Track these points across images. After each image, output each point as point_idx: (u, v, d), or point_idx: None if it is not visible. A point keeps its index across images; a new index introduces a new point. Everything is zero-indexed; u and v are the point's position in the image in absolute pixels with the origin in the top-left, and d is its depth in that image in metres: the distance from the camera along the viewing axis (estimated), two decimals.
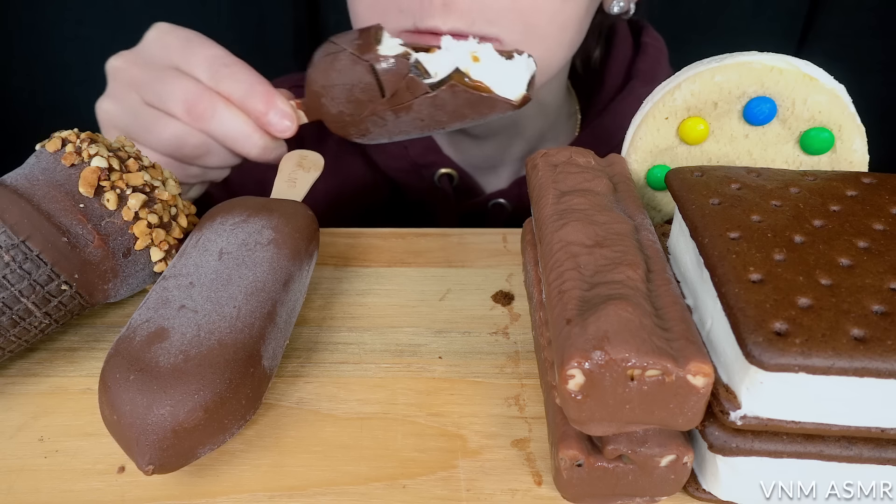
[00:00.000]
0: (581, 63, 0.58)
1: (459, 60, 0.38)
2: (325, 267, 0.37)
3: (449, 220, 0.57)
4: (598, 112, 0.56)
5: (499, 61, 0.38)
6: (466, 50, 0.38)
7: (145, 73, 0.38)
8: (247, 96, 0.37)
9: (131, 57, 0.39)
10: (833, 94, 0.28)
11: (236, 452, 0.27)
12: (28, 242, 0.28)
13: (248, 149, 0.38)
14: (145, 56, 0.39)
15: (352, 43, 0.37)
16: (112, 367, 0.25)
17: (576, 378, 0.21)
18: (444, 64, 0.38)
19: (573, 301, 0.22)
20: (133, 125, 0.39)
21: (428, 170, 0.56)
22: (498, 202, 0.57)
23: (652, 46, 0.57)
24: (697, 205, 0.26)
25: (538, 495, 0.25)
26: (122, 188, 0.30)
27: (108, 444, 0.26)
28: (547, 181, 0.29)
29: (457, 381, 0.30)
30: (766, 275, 0.22)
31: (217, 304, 0.27)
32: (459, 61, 0.38)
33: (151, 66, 0.38)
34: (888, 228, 0.24)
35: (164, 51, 0.39)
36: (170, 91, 0.37)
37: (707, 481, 0.24)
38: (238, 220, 0.31)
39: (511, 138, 0.56)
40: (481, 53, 0.38)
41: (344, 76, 0.37)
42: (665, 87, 0.30)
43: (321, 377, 0.30)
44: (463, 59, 0.38)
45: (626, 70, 0.57)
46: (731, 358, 0.22)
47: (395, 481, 0.26)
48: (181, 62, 0.38)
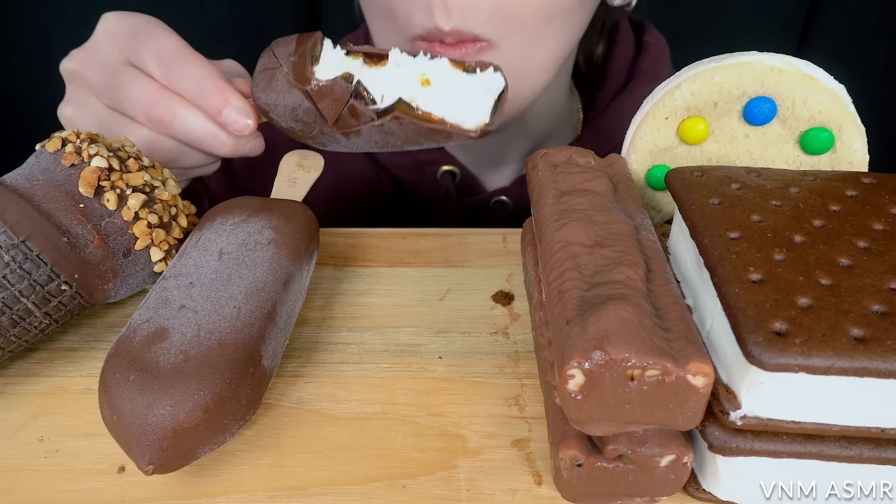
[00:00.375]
0: (584, 59, 0.58)
1: (407, 84, 0.34)
2: (325, 267, 0.37)
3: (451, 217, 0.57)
4: (599, 111, 0.56)
5: (454, 82, 0.34)
6: (415, 70, 0.34)
7: (100, 74, 0.37)
8: (199, 94, 0.35)
9: (84, 57, 0.38)
10: (833, 94, 0.28)
11: (236, 452, 0.27)
12: (28, 242, 0.28)
13: (218, 148, 0.36)
14: (98, 54, 0.37)
15: (287, 60, 0.33)
16: (112, 367, 0.25)
17: (576, 378, 0.21)
18: (391, 85, 0.34)
19: (573, 301, 0.22)
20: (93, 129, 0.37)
21: (430, 167, 0.56)
22: (500, 200, 0.57)
23: (654, 46, 0.57)
24: (697, 205, 0.26)
25: (538, 495, 0.25)
26: (122, 188, 0.30)
27: (108, 444, 0.26)
28: (547, 181, 0.29)
29: (457, 381, 0.30)
30: (766, 275, 0.22)
31: (217, 304, 0.27)
32: (406, 85, 0.34)
33: (105, 66, 0.37)
34: (888, 228, 0.24)
35: (114, 45, 0.37)
36: (126, 95, 0.36)
37: (707, 481, 0.24)
38: (238, 220, 0.31)
39: (515, 136, 0.56)
40: (433, 74, 0.34)
41: (283, 98, 0.34)
42: (665, 87, 0.30)
43: (321, 377, 0.30)
44: (410, 82, 0.34)
45: (628, 69, 0.57)
46: (731, 358, 0.22)
47: (395, 481, 0.26)
48: (132, 56, 0.36)
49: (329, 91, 0.33)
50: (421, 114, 0.33)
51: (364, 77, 0.33)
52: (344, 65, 0.34)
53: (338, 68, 0.34)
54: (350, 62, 0.34)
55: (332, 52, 0.34)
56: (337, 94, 0.33)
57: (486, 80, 0.34)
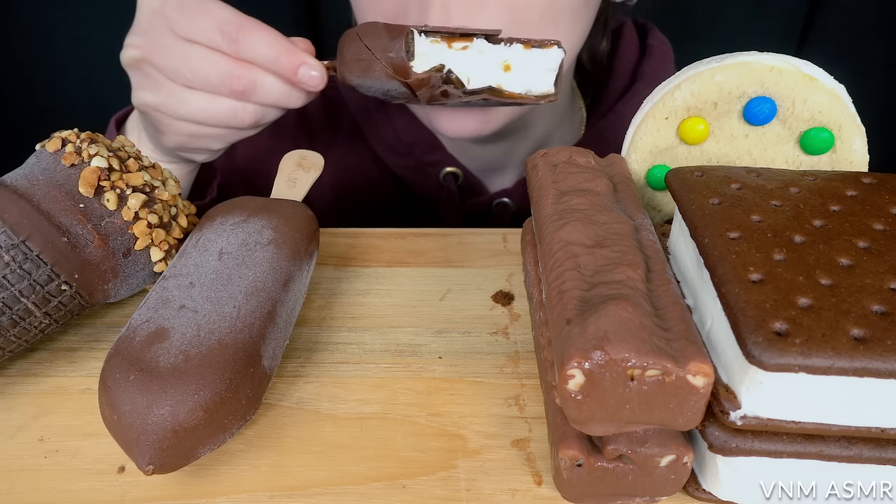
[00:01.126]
0: (588, 58, 0.58)
1: (491, 70, 0.39)
2: (325, 267, 0.37)
3: (453, 218, 0.57)
4: (603, 114, 0.56)
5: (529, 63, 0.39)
6: (498, 58, 0.39)
7: (165, 56, 0.38)
8: (272, 60, 0.37)
9: (144, 42, 0.38)
10: (833, 94, 0.28)
11: (236, 452, 0.27)
12: (28, 242, 0.28)
13: (294, 102, 0.39)
14: (153, 36, 0.38)
15: (384, 54, 0.38)
16: (112, 367, 0.25)
17: (576, 378, 0.21)
18: (477, 71, 0.39)
19: (573, 301, 0.22)
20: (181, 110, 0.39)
21: (433, 168, 0.56)
22: (502, 201, 0.57)
23: (658, 49, 0.57)
24: (697, 205, 0.26)
25: (538, 495, 0.25)
26: (122, 188, 0.30)
27: (108, 444, 0.26)
28: (547, 181, 0.29)
29: (457, 381, 0.30)
30: (766, 275, 0.22)
31: (217, 304, 0.27)
32: (491, 71, 0.39)
33: (166, 48, 0.38)
34: (888, 228, 0.24)
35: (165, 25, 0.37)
36: (204, 74, 0.37)
37: (707, 481, 0.24)
38: (238, 220, 0.31)
39: (517, 138, 0.56)
40: (512, 60, 0.39)
41: (380, 84, 0.38)
42: (665, 87, 0.30)
43: (321, 377, 0.30)
44: (494, 68, 0.39)
45: (631, 72, 0.57)
46: (731, 358, 0.22)
47: (395, 481, 0.26)
48: (190, 33, 0.37)
49: (426, 82, 0.38)
50: (506, 93, 0.39)
51: (452, 63, 0.38)
52: (432, 52, 0.38)
53: (428, 57, 0.38)
54: (435, 48, 0.38)
55: (422, 42, 0.38)
56: (432, 83, 0.38)
57: (552, 56, 0.39)
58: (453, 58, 0.38)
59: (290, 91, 0.39)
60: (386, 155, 0.57)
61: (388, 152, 0.56)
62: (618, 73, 0.57)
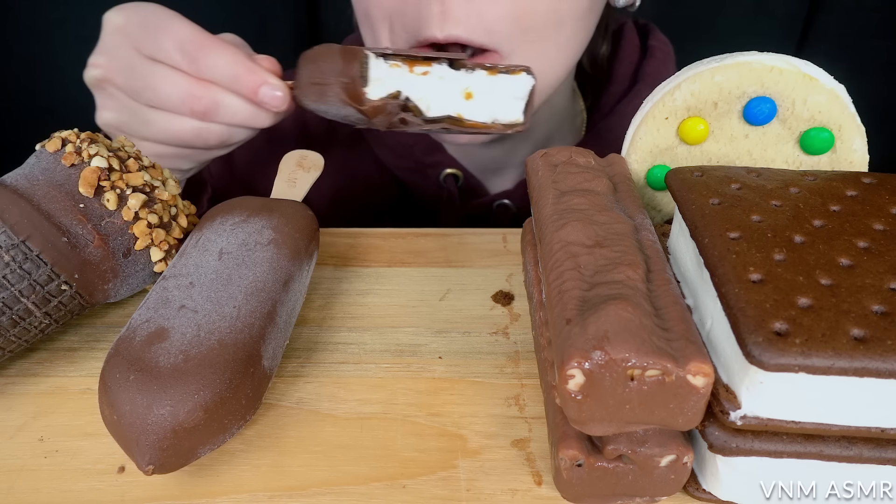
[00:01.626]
0: (588, 61, 0.58)
1: (451, 98, 0.37)
2: (325, 267, 0.37)
3: (453, 219, 0.57)
4: (603, 115, 0.56)
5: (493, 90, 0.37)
6: (459, 85, 0.37)
7: (127, 76, 0.37)
8: (233, 79, 0.36)
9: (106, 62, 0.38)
10: (833, 94, 0.28)
11: (236, 452, 0.27)
12: (28, 242, 0.28)
13: (260, 123, 0.38)
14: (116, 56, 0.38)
15: (338, 79, 0.36)
16: (112, 367, 0.25)
17: (576, 378, 0.21)
18: (438, 98, 0.37)
19: (573, 301, 0.22)
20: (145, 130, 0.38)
21: (433, 169, 0.56)
22: (503, 203, 0.57)
23: (659, 50, 0.57)
24: (697, 205, 0.26)
25: (538, 495, 0.25)
26: (122, 188, 0.30)
27: (108, 444, 0.26)
28: (547, 181, 0.29)
29: (457, 381, 0.30)
30: (766, 275, 0.22)
31: (217, 304, 0.27)
32: (451, 99, 0.37)
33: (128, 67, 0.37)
34: (888, 228, 0.24)
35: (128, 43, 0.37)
36: (164, 93, 0.37)
37: (707, 481, 0.24)
38: (238, 220, 0.31)
39: (519, 141, 0.56)
40: (475, 87, 0.37)
41: (336, 109, 0.37)
42: (665, 87, 0.30)
43: (321, 377, 0.30)
44: (455, 96, 0.37)
45: (632, 73, 0.57)
46: (731, 358, 0.22)
47: (395, 481, 0.26)
48: (152, 52, 0.37)
49: (382, 109, 0.36)
50: (467, 123, 0.37)
51: (410, 89, 0.36)
52: (389, 76, 0.36)
53: (385, 83, 0.36)
54: (394, 72, 0.36)
55: (378, 66, 0.36)
56: (389, 110, 0.36)
57: (521, 83, 0.37)
58: (413, 83, 0.37)
59: (255, 111, 0.37)
60: (386, 157, 0.56)
61: (388, 154, 0.56)
62: (619, 74, 0.57)
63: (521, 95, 0.37)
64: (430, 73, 0.37)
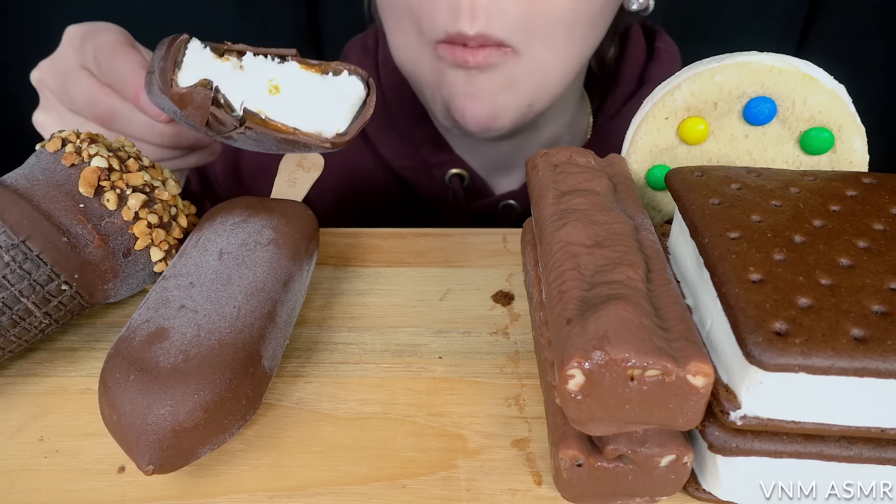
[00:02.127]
0: (596, 63, 0.58)
1: (255, 91, 0.32)
2: (325, 267, 0.37)
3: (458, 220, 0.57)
4: (610, 116, 0.56)
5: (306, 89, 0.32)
6: (263, 77, 0.32)
7: (58, 80, 0.38)
8: (121, 84, 0.35)
9: (47, 65, 0.40)
10: (833, 94, 0.28)
11: (236, 452, 0.27)
12: (28, 242, 0.28)
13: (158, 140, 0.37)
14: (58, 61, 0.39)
15: (158, 64, 0.32)
16: (112, 367, 0.25)
17: (576, 378, 0.21)
18: (246, 94, 0.32)
19: (573, 301, 0.22)
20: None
21: (439, 169, 0.56)
22: (508, 203, 0.57)
23: (665, 52, 0.57)
24: (697, 205, 0.26)
25: (538, 495, 0.25)
26: (122, 188, 0.30)
27: (108, 444, 0.26)
28: (547, 181, 0.29)
29: (457, 381, 0.30)
30: (766, 275, 0.22)
31: (217, 304, 0.27)
32: (254, 93, 0.32)
33: (62, 72, 0.38)
34: (888, 228, 0.24)
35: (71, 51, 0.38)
36: (73, 96, 0.37)
37: (707, 481, 0.24)
38: (238, 220, 0.31)
39: (527, 139, 0.56)
40: (282, 80, 0.32)
41: (162, 102, 0.32)
42: (665, 87, 0.30)
43: (321, 377, 0.30)
44: (258, 89, 0.32)
45: (639, 75, 0.57)
46: (731, 358, 0.22)
47: (395, 481, 0.26)
48: (82, 59, 0.38)
49: (190, 98, 0.31)
50: (270, 124, 0.31)
51: (222, 79, 0.32)
52: (211, 68, 0.32)
53: (201, 71, 0.32)
54: (220, 64, 0.32)
55: (199, 55, 0.32)
56: (198, 102, 0.31)
57: (342, 86, 0.32)
58: (227, 75, 0.32)
59: (151, 124, 0.36)
60: (390, 156, 0.56)
61: (393, 154, 0.56)
62: (625, 76, 0.57)
63: (346, 100, 0.32)
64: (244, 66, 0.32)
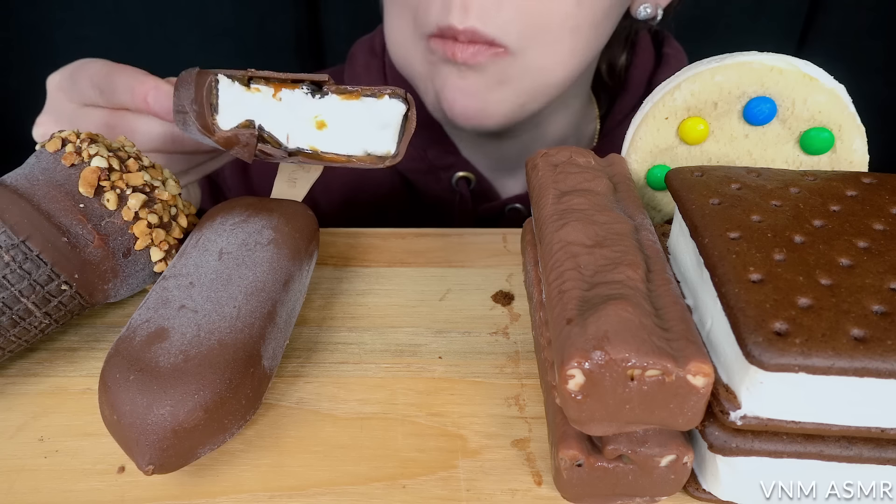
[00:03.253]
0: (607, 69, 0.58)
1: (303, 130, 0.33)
2: (325, 267, 0.37)
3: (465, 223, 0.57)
4: (617, 122, 0.56)
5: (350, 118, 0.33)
6: (308, 114, 0.33)
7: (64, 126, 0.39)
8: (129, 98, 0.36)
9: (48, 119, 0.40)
10: (833, 94, 0.28)
11: (236, 452, 0.27)
12: (28, 242, 0.28)
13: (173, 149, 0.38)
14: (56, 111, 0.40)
15: (191, 106, 0.33)
16: (112, 367, 0.25)
17: (576, 378, 0.21)
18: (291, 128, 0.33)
19: (573, 301, 0.22)
20: None
21: (446, 172, 0.56)
22: (514, 207, 0.57)
23: (673, 58, 0.57)
24: (697, 205, 0.26)
25: (538, 495, 0.25)
26: (122, 188, 0.30)
27: (108, 444, 0.26)
28: (547, 181, 0.29)
29: (457, 381, 0.30)
30: (766, 275, 0.22)
31: (217, 304, 0.27)
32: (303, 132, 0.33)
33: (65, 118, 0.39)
34: (888, 228, 0.24)
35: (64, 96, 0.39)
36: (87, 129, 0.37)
37: (707, 481, 0.24)
38: (238, 220, 0.31)
39: (534, 139, 0.56)
40: (326, 115, 0.33)
41: (203, 139, 0.34)
42: (665, 87, 0.30)
43: (321, 377, 0.30)
44: (306, 126, 0.33)
45: (647, 80, 0.57)
46: (731, 358, 0.22)
47: (395, 481, 0.26)
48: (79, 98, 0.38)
49: (235, 140, 0.33)
50: (325, 157, 0.33)
51: (266, 118, 0.33)
52: (241, 103, 0.33)
53: (239, 109, 0.33)
54: (252, 97, 0.33)
55: (230, 92, 0.33)
56: (244, 142, 0.33)
57: (385, 110, 0.33)
58: (266, 112, 0.33)
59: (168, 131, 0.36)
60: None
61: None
62: (633, 81, 0.57)
63: (387, 124, 0.33)
64: (282, 100, 0.33)
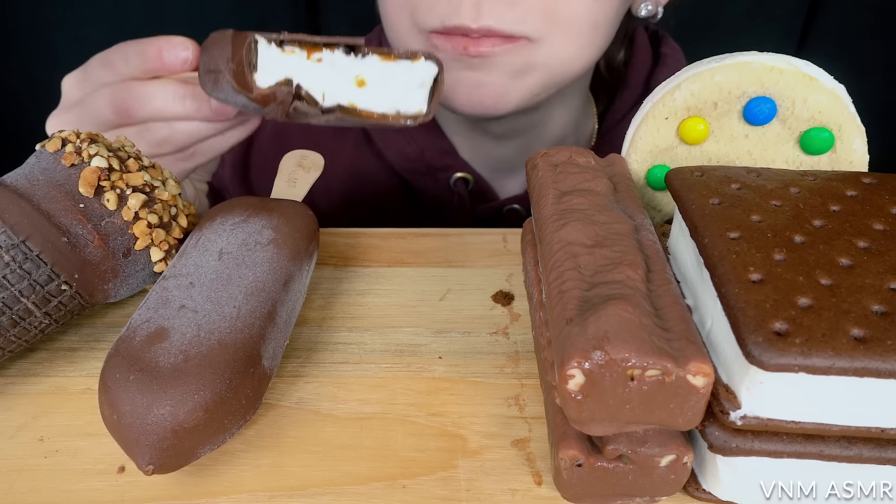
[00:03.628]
0: (605, 66, 0.58)
1: (343, 87, 0.35)
2: (325, 267, 0.37)
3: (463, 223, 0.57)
4: (615, 122, 0.56)
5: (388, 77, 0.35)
6: (349, 73, 0.35)
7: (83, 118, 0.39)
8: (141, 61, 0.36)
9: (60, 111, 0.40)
10: (833, 94, 0.28)
11: (236, 452, 0.27)
12: (28, 242, 0.28)
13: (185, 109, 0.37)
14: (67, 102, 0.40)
15: (227, 65, 0.34)
16: (112, 367, 0.25)
17: (576, 378, 0.21)
18: (331, 86, 0.35)
19: (573, 301, 0.22)
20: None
21: (444, 173, 0.56)
22: (513, 207, 0.57)
23: (671, 58, 0.57)
24: (697, 205, 0.26)
25: (538, 495, 0.25)
26: (122, 188, 0.30)
27: (108, 444, 0.26)
28: (547, 181, 0.29)
29: (457, 381, 0.30)
30: (766, 275, 0.22)
31: (217, 304, 0.27)
32: (343, 88, 0.35)
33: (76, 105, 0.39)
34: (888, 228, 0.24)
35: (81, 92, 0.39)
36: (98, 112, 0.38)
37: (707, 481, 0.24)
38: (238, 220, 0.31)
39: (533, 139, 0.56)
40: (367, 74, 0.35)
41: (233, 98, 0.35)
42: (665, 87, 0.30)
43: (321, 377, 0.30)
44: (346, 84, 0.35)
45: (644, 80, 0.57)
46: (731, 358, 0.22)
47: (395, 481, 0.26)
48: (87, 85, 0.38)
49: (272, 97, 0.34)
50: (363, 113, 0.36)
51: (304, 76, 0.35)
52: (280, 63, 0.34)
53: (277, 69, 0.34)
54: (287, 58, 0.35)
55: (268, 52, 0.34)
56: (280, 99, 0.34)
57: (421, 71, 0.35)
58: (305, 71, 0.35)
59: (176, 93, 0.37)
60: (395, 160, 0.56)
61: (398, 157, 0.56)
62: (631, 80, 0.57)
63: (422, 84, 0.35)
64: (323, 60, 0.35)
